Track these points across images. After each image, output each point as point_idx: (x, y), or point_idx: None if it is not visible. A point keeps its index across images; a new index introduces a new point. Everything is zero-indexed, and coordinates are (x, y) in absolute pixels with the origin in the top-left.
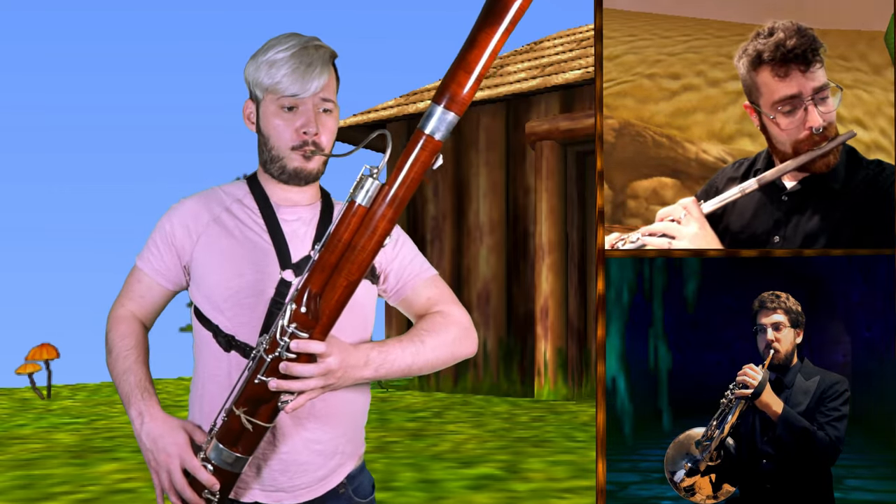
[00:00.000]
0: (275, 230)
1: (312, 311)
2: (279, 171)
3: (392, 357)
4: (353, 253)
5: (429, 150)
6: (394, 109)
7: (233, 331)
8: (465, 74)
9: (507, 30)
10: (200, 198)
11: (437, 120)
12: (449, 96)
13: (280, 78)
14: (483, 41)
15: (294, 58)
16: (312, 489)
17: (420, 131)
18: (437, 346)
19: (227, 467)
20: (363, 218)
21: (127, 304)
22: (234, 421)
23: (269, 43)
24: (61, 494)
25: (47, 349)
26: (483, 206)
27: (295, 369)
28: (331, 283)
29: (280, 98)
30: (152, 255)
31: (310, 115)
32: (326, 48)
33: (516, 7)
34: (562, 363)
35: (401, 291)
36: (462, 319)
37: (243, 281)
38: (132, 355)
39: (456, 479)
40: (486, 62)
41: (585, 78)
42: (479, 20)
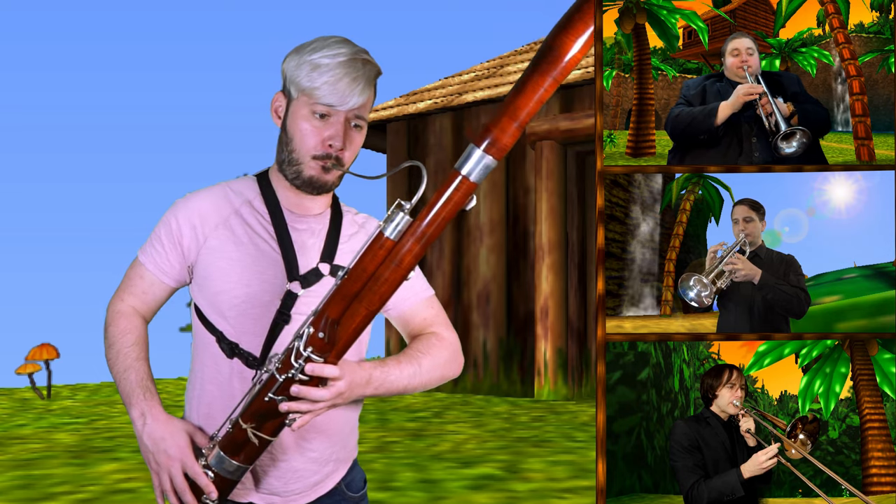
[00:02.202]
0: (284, 240)
1: (329, 337)
2: (294, 174)
3: (392, 377)
4: (377, 284)
5: (463, 191)
6: (394, 109)
7: (236, 338)
8: (509, 121)
9: (557, 79)
10: (209, 195)
11: (475, 162)
12: (490, 141)
13: (321, 84)
14: (532, 89)
15: (340, 67)
16: (306, 494)
17: (457, 171)
18: (431, 368)
19: (227, 475)
20: (390, 251)
21: (127, 298)
22: (239, 433)
23: (316, 42)
24: (61, 494)
25: (47, 349)
26: (483, 206)
27: (308, 393)
28: (350, 311)
29: (315, 104)
30: (156, 251)
31: (339, 129)
32: (374, 65)
33: (569, 57)
34: (562, 363)
35: (398, 308)
36: (454, 343)
37: (250, 291)
38: (133, 352)
39: (456, 479)
40: (531, 110)
41: (585, 78)
42: (531, 66)
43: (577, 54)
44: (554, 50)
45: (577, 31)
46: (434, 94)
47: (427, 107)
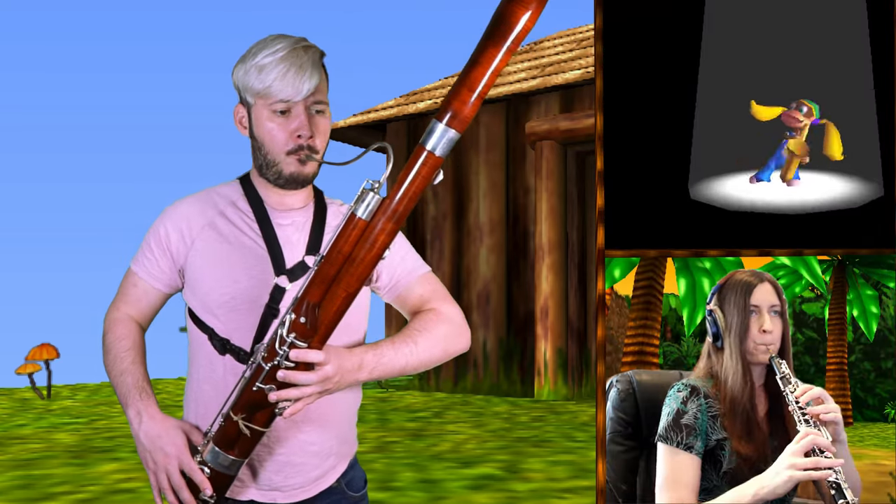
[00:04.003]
0: (269, 236)
1: (311, 322)
2: (275, 175)
3: (386, 359)
4: (353, 265)
5: (430, 165)
6: (394, 109)
7: (227, 335)
8: (467, 92)
9: (511, 48)
10: (195, 200)
11: (438, 136)
12: (451, 113)
13: (271, 82)
14: (486, 59)
15: (284, 61)
16: (306, 489)
17: (421, 147)
18: (429, 345)
19: (224, 470)
20: (363, 231)
21: (123, 307)
22: (231, 426)
23: (256, 46)
24: (61, 494)
25: (47, 349)
26: (483, 206)
27: (294, 377)
28: (330, 294)
29: (272, 103)
30: (147, 259)
31: (303, 118)
32: (315, 48)
33: (520, 27)
34: (562, 363)
35: (394, 289)
36: (454, 316)
37: (238, 287)
38: (129, 357)
39: (456, 479)
40: (488, 80)
41: (585, 78)
42: (483, 38)
43: (527, 23)
44: (505, 19)
45: (527, 0)
46: (434, 94)
47: (427, 107)
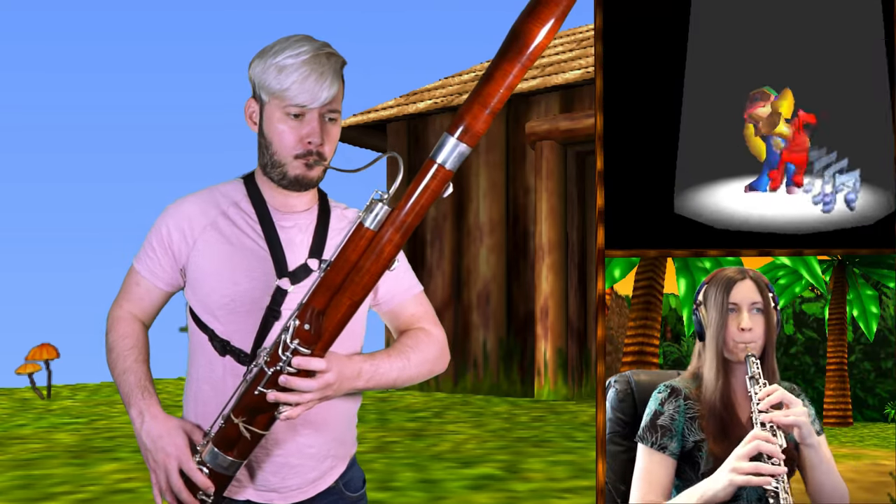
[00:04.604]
0: (272, 238)
1: (315, 328)
2: (279, 176)
3: (381, 371)
4: (359, 275)
5: (439, 179)
6: (394, 109)
7: (227, 336)
8: (480, 108)
9: (525, 65)
10: (197, 199)
11: (449, 150)
12: (463, 128)
13: (289, 85)
14: (501, 76)
15: (305, 65)
16: (304, 490)
17: (432, 160)
18: (419, 363)
19: (222, 471)
20: (371, 241)
21: (125, 305)
22: (231, 428)
23: (279, 44)
24: (61, 494)
25: (47, 349)
26: (483, 206)
27: (296, 384)
28: (334, 301)
29: (287, 105)
30: (149, 257)
31: (315, 125)
32: (338, 56)
33: (536, 44)
34: (562, 363)
35: (388, 304)
36: (441, 340)
37: (239, 289)
38: (132, 355)
39: (456, 479)
40: (501, 96)
41: (585, 78)
42: (499, 54)
43: (543, 41)
44: (521, 37)
45: (543, 18)
46: (434, 94)
47: (427, 107)
